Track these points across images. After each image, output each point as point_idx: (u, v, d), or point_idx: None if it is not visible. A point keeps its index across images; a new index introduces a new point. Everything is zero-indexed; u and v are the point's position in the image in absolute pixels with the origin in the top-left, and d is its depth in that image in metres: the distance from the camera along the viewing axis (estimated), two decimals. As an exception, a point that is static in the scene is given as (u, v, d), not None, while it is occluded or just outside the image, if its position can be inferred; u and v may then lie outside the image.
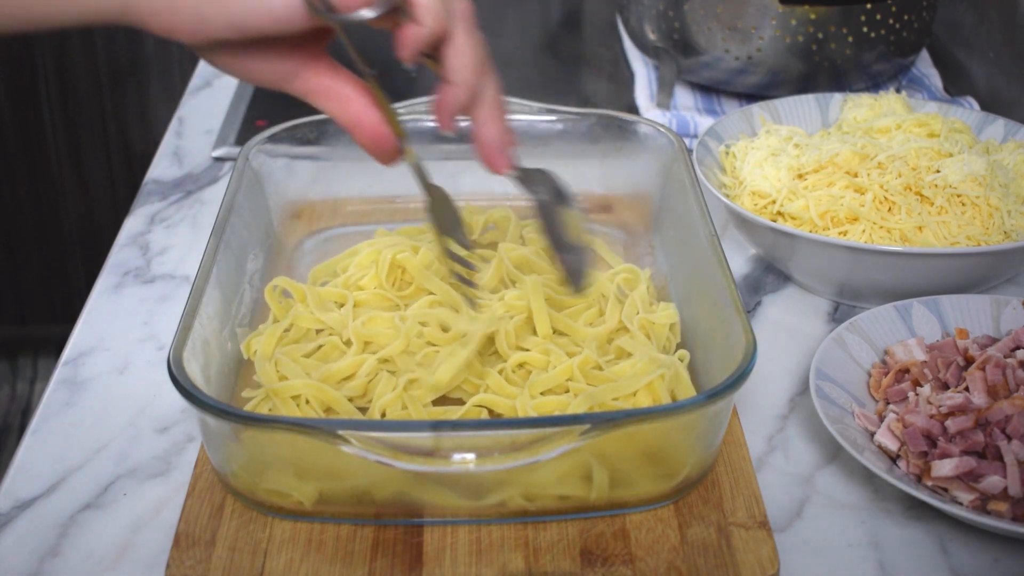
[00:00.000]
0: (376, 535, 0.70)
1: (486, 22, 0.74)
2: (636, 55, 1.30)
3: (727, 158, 1.02)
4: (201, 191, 1.11)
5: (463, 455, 0.64)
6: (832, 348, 0.82)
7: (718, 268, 0.79)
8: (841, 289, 0.93)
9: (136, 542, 0.72)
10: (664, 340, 0.83)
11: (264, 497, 0.71)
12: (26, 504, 0.75)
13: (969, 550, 0.72)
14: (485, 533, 0.70)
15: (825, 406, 0.76)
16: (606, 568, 0.68)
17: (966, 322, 0.86)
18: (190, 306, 0.75)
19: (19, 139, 2.15)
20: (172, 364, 0.69)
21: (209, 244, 0.81)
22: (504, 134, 0.73)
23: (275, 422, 0.67)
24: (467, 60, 0.69)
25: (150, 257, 1.01)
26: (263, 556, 0.69)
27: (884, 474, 0.71)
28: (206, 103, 1.27)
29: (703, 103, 1.22)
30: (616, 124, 0.98)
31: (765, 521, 0.71)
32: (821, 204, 0.93)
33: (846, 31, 1.13)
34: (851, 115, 1.06)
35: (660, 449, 0.70)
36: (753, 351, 0.70)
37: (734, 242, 1.01)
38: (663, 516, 0.71)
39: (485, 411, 0.77)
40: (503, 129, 0.73)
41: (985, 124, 1.05)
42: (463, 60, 0.69)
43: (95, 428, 0.81)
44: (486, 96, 0.71)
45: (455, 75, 0.69)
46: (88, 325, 0.92)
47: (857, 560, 0.71)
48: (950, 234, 0.91)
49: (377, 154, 0.71)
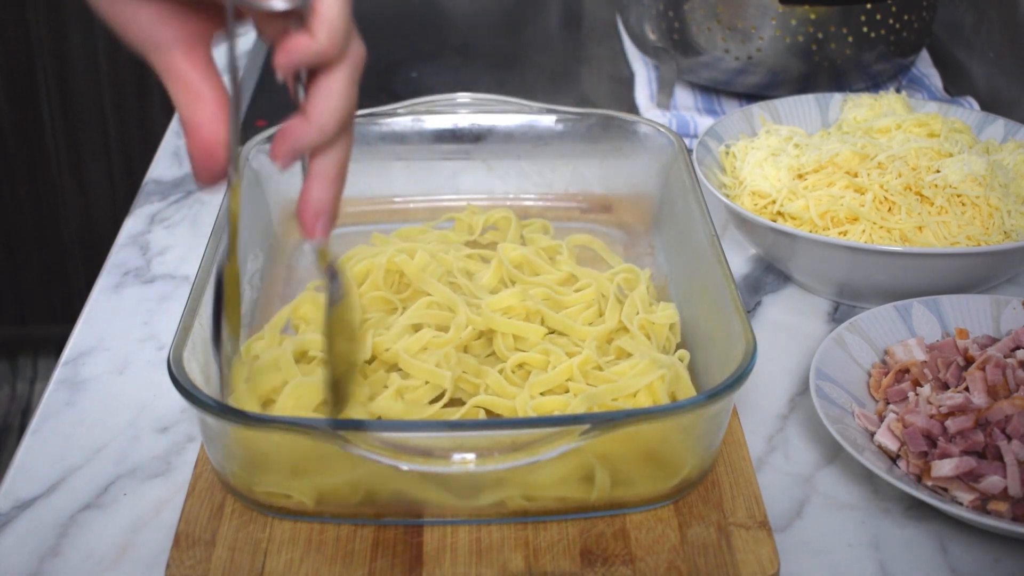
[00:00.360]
0: (376, 535, 0.70)
1: (487, 22, 0.74)
2: (636, 55, 1.30)
3: (727, 158, 1.02)
4: (201, 191, 1.11)
5: (463, 455, 0.64)
6: (832, 348, 0.82)
7: (718, 268, 0.79)
8: (841, 289, 0.93)
9: (136, 542, 0.72)
10: (664, 340, 0.83)
11: (264, 497, 0.71)
12: (26, 504, 0.75)
13: (969, 550, 0.72)
14: (485, 533, 0.70)
15: (825, 406, 0.77)
16: (606, 568, 0.68)
17: (966, 322, 0.86)
18: (190, 306, 0.75)
19: (19, 139, 2.15)
20: (172, 364, 0.69)
21: (209, 244, 0.81)
22: (330, 202, 0.65)
23: (275, 422, 0.67)
24: (335, 105, 0.61)
25: (150, 257, 1.01)
26: (263, 556, 0.69)
27: (884, 474, 0.71)
28: (206, 103, 1.27)
29: (703, 103, 1.22)
30: (616, 124, 0.98)
31: (765, 521, 0.71)
32: (821, 204, 0.93)
33: (846, 31, 1.13)
34: (851, 115, 1.06)
35: (660, 449, 0.70)
36: (753, 351, 0.70)
37: (734, 242, 1.01)
38: (663, 516, 0.71)
39: (483, 412, 0.77)
40: (331, 195, 0.65)
41: (985, 124, 1.05)
42: (331, 103, 0.61)
43: (95, 428, 0.81)
44: (333, 153, 0.64)
45: (316, 115, 0.62)
46: (88, 325, 0.92)
47: (857, 560, 0.71)
48: (950, 234, 0.91)
49: (200, 166, 0.63)
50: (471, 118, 0.99)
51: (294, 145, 0.62)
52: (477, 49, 1.39)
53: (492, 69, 1.34)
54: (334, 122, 0.62)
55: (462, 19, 1.47)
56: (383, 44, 1.38)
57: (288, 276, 0.93)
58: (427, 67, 1.34)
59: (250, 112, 1.23)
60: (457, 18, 1.47)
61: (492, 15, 1.48)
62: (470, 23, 1.46)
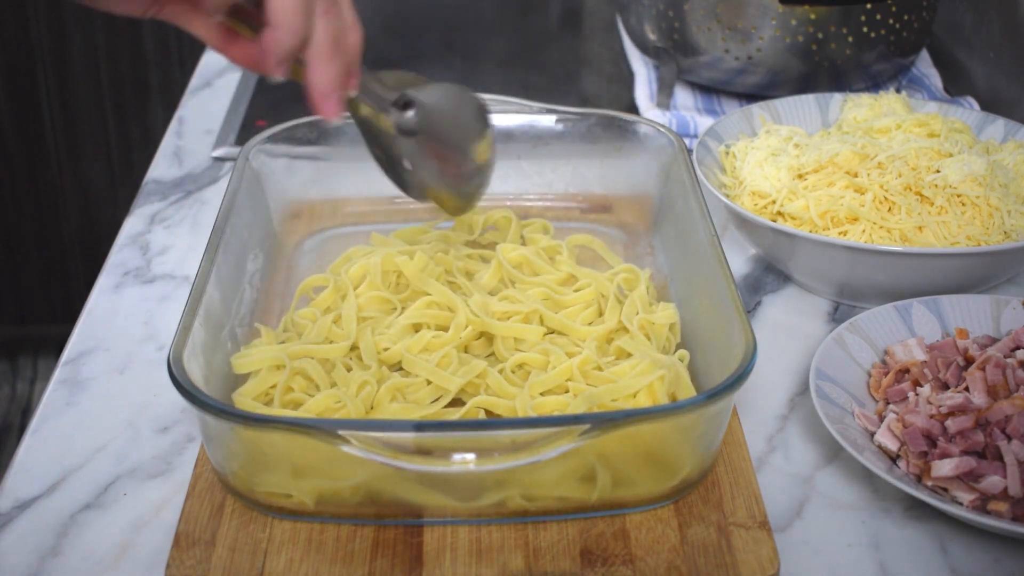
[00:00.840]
0: (376, 535, 0.70)
1: (487, 22, 0.74)
2: (636, 55, 1.30)
3: (727, 158, 1.02)
4: (201, 191, 1.11)
5: (463, 455, 0.64)
6: (832, 348, 0.82)
7: (718, 268, 0.79)
8: (841, 289, 0.93)
9: (136, 542, 0.72)
10: (664, 340, 0.83)
11: (264, 497, 0.71)
12: (26, 504, 0.75)
13: (969, 550, 0.72)
14: (485, 533, 0.70)
15: (825, 406, 0.76)
16: (606, 568, 0.68)
17: (966, 322, 0.86)
18: (190, 306, 0.75)
19: (19, 139, 2.15)
20: (172, 364, 0.69)
21: (209, 244, 0.81)
22: (329, 80, 0.69)
23: (275, 422, 0.67)
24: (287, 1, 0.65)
25: (150, 257, 1.01)
26: (263, 556, 0.69)
27: (884, 474, 0.71)
28: (206, 103, 1.27)
29: (703, 103, 1.22)
30: (616, 124, 0.98)
31: (765, 521, 0.71)
32: (821, 204, 0.93)
33: (846, 31, 1.13)
34: (851, 115, 1.06)
35: (660, 449, 0.70)
36: (753, 351, 0.70)
37: (734, 242, 1.01)
38: (663, 516, 0.71)
39: (483, 412, 0.77)
40: (330, 74, 0.69)
41: (985, 124, 1.05)
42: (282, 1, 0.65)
43: (95, 428, 0.81)
44: (315, 38, 0.68)
45: (274, 16, 0.65)
46: (88, 325, 0.92)
47: (857, 560, 0.71)
48: (950, 234, 0.91)
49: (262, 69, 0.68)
50: (471, 118, 0.99)
51: (275, 53, 0.66)
52: (477, 49, 1.39)
53: (492, 69, 1.34)
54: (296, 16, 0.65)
55: (462, 19, 1.47)
56: (383, 44, 1.38)
57: (288, 276, 0.93)
58: (427, 67, 1.34)
59: (250, 112, 1.23)
60: (457, 18, 1.47)
61: (492, 15, 1.48)
62: (470, 23, 1.46)
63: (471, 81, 1.29)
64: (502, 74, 1.33)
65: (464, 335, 0.82)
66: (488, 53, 1.38)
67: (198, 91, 1.31)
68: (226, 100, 1.26)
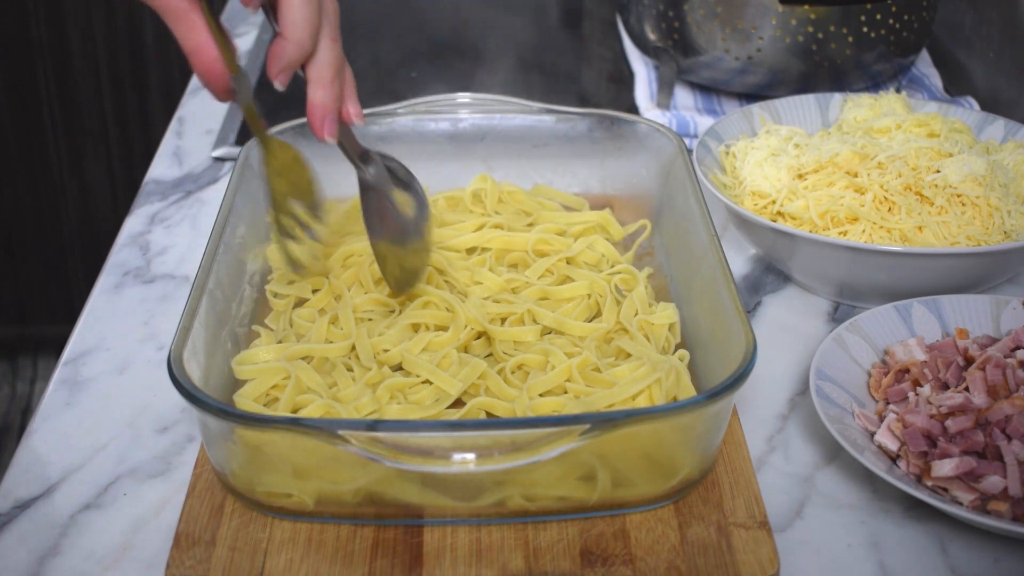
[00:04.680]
0: (376, 535, 0.70)
1: (486, 22, 0.74)
2: (636, 55, 1.30)
3: (727, 158, 1.02)
4: (201, 191, 1.11)
5: (463, 455, 0.64)
6: (832, 348, 0.82)
7: (718, 268, 0.79)
8: (841, 289, 0.93)
9: (136, 542, 0.72)
10: (663, 340, 0.83)
11: (264, 497, 0.71)
12: (26, 504, 0.75)
13: (969, 550, 0.72)
14: (485, 533, 0.70)
15: (825, 406, 0.77)
16: (606, 568, 0.68)
17: (966, 322, 0.86)
18: (190, 306, 0.75)
19: (19, 139, 2.15)
20: (172, 364, 0.69)
21: (209, 244, 0.81)
22: (330, 101, 0.74)
23: (275, 422, 0.67)
24: (299, 16, 0.70)
25: (150, 257, 1.01)
26: (263, 556, 0.69)
27: (884, 474, 0.71)
28: (206, 103, 1.27)
29: (703, 103, 1.22)
30: (616, 124, 0.98)
31: (765, 521, 0.71)
32: (821, 204, 0.93)
33: (846, 31, 1.13)
34: (851, 115, 1.06)
35: (660, 449, 0.70)
36: (753, 351, 0.70)
37: (734, 242, 1.01)
38: (663, 516, 0.71)
39: (483, 413, 0.77)
40: (331, 96, 0.74)
41: (985, 124, 1.05)
42: (295, 15, 0.70)
43: (95, 428, 0.81)
44: (319, 58, 0.72)
45: (286, 29, 0.71)
46: (88, 325, 0.92)
47: (857, 560, 0.71)
48: (950, 234, 0.91)
49: (210, 84, 0.71)
50: (471, 118, 0.99)
51: (280, 62, 0.71)
52: (477, 49, 1.39)
53: (492, 69, 1.34)
54: (305, 32, 0.71)
55: (462, 19, 1.47)
56: (383, 44, 1.37)
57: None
58: (427, 67, 1.34)
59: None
60: (457, 18, 1.47)
61: (492, 15, 1.48)
62: (470, 23, 1.46)
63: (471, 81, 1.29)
64: (502, 74, 1.33)
65: (464, 335, 0.82)
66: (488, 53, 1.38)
67: (198, 91, 1.31)
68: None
